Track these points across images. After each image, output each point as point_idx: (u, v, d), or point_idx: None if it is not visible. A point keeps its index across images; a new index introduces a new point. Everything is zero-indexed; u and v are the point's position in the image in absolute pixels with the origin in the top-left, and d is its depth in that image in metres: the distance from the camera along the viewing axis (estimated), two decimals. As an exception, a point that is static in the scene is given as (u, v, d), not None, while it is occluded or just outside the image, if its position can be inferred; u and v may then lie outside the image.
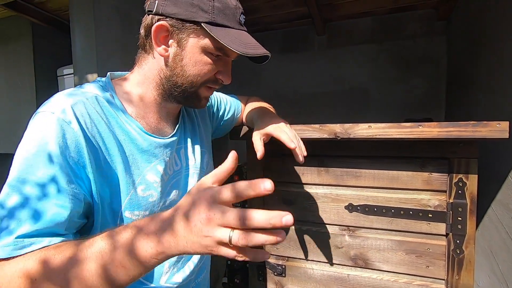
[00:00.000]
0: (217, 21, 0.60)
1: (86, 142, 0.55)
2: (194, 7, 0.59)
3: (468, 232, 0.87)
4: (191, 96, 0.68)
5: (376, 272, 0.98)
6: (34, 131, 0.52)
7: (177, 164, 0.75)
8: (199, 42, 0.62)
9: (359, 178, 0.98)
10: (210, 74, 0.66)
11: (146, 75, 0.67)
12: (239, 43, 0.60)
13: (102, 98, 0.61)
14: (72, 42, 1.24)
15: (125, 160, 0.62)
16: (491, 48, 1.16)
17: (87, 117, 0.56)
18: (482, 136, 0.77)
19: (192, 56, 0.63)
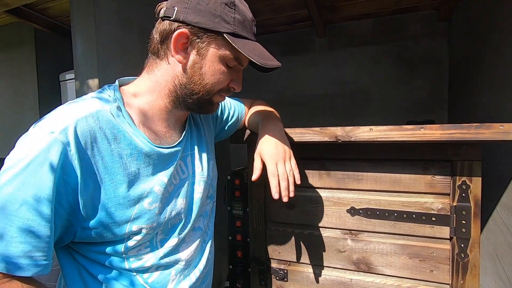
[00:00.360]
0: (238, 32, 0.63)
1: (82, 163, 0.55)
2: (216, 17, 0.61)
3: (472, 236, 0.86)
4: (205, 103, 0.69)
5: (379, 277, 0.97)
6: (29, 147, 0.52)
7: (183, 172, 0.74)
8: (219, 51, 0.64)
9: (360, 181, 0.97)
10: (225, 83, 0.68)
11: (158, 81, 0.67)
12: (258, 55, 0.64)
13: (108, 112, 0.60)
14: (73, 47, 1.24)
15: (130, 175, 0.61)
16: (494, 49, 1.15)
17: (87, 136, 0.56)
18: (485, 138, 0.76)
19: (211, 65, 0.64)
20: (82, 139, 0.55)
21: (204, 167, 0.80)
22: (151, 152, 0.65)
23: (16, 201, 0.50)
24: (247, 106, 1.03)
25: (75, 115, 0.56)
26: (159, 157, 0.66)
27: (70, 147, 0.53)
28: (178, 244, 0.71)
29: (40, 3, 1.89)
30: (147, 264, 0.66)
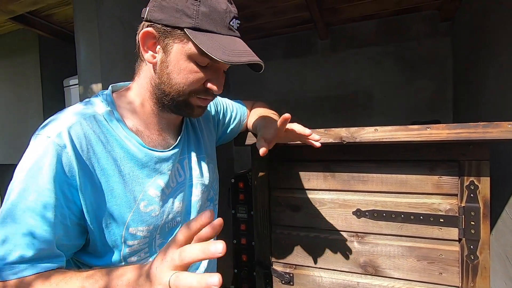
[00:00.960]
0: (201, 26, 0.58)
1: (80, 165, 0.56)
2: (178, 12, 0.58)
3: (482, 237, 0.84)
4: (181, 105, 0.65)
5: (387, 280, 0.95)
6: (30, 155, 0.54)
7: (180, 176, 0.73)
8: (184, 48, 0.59)
9: (366, 182, 0.96)
10: (198, 83, 0.62)
11: (142, 84, 0.66)
12: (222, 50, 0.57)
13: (101, 116, 0.61)
14: (76, 53, 1.25)
15: (125, 178, 0.61)
16: (499, 47, 1.14)
17: (83, 139, 0.57)
18: (493, 137, 0.75)
19: (176, 63, 0.61)
20: (77, 142, 0.56)
21: (202, 170, 0.80)
22: (145, 155, 0.64)
23: (19, 207, 0.51)
24: (249, 108, 1.02)
25: (70, 120, 0.58)
26: (154, 160, 0.66)
27: (67, 150, 0.54)
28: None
29: (44, 9, 1.91)
30: None
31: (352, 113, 2.15)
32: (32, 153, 0.54)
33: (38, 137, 0.55)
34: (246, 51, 0.60)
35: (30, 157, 0.54)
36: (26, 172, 0.53)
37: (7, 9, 1.65)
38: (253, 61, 0.59)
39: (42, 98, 2.30)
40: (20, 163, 0.55)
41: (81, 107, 0.62)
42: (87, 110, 0.61)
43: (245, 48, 0.61)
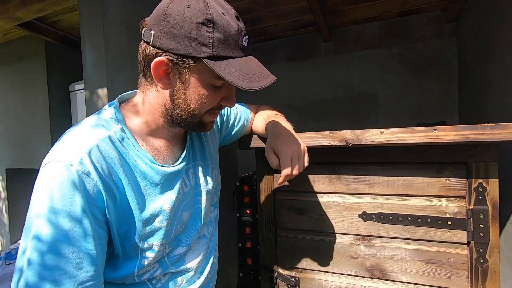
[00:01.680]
0: (219, 53, 0.56)
1: (105, 189, 0.56)
2: (193, 41, 0.55)
3: (491, 240, 0.82)
4: (196, 125, 0.67)
5: (395, 284, 0.94)
6: (52, 185, 0.52)
7: (186, 186, 0.74)
8: (201, 77, 0.59)
9: (372, 185, 0.95)
10: (213, 104, 0.64)
11: (151, 103, 0.66)
12: (243, 77, 0.58)
13: (114, 137, 0.61)
14: (82, 58, 1.27)
15: (140, 196, 0.63)
16: (506, 47, 1.13)
17: (103, 163, 0.57)
18: (502, 138, 0.74)
19: (195, 91, 0.61)
20: (99, 166, 0.56)
21: (207, 177, 0.81)
22: (157, 173, 0.66)
23: (60, 240, 0.51)
24: (253, 111, 1.02)
25: (87, 143, 0.57)
26: (165, 177, 0.67)
27: (92, 176, 0.55)
28: (185, 254, 0.74)
29: (51, 16, 1.94)
30: (156, 274, 0.69)
31: (358, 116, 2.14)
32: (55, 182, 0.52)
33: (58, 164, 0.53)
34: (261, 72, 0.62)
35: (54, 187, 0.52)
36: (58, 204, 0.51)
37: (15, 16, 1.68)
38: (271, 83, 0.61)
39: (48, 103, 2.33)
40: (42, 194, 0.52)
41: (93, 127, 0.61)
42: (100, 131, 0.60)
43: (260, 67, 0.62)
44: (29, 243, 0.51)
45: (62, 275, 0.50)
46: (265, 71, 0.62)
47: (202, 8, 0.55)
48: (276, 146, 0.79)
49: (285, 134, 0.82)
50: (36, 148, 2.41)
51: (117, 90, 1.24)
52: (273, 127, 0.87)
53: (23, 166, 2.49)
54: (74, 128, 0.61)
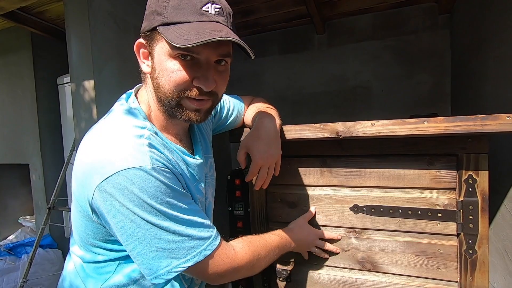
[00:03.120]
0: (170, 20, 0.56)
1: (176, 175, 0.63)
2: (153, 14, 0.58)
3: (480, 232, 0.83)
4: (176, 110, 0.62)
5: (385, 276, 0.94)
6: (143, 188, 0.55)
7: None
8: (162, 47, 0.58)
9: (363, 178, 0.95)
10: (183, 82, 0.58)
11: (151, 96, 0.67)
12: (185, 35, 0.52)
13: (152, 132, 0.63)
14: (68, 50, 1.23)
15: (190, 183, 0.68)
16: (498, 40, 1.12)
17: (163, 156, 0.61)
18: (492, 130, 0.74)
19: (160, 65, 0.59)
20: (163, 159, 0.60)
21: (211, 169, 0.84)
22: (191, 164, 0.70)
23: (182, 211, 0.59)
24: (247, 103, 1.01)
25: (143, 142, 0.59)
26: (196, 168, 0.72)
27: (166, 166, 0.60)
28: None
29: (36, 6, 1.88)
30: None
31: (351, 108, 2.14)
32: (142, 185, 0.54)
33: (132, 171, 0.54)
34: (213, 30, 0.54)
35: (150, 187, 0.55)
36: (162, 195, 0.56)
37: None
38: (215, 39, 0.52)
39: (36, 96, 2.28)
40: (135, 200, 0.54)
41: (133, 125, 0.61)
42: (140, 129, 0.62)
43: (216, 27, 0.55)
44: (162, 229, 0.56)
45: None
46: (220, 32, 0.54)
47: None
48: (251, 148, 0.81)
49: (265, 137, 0.81)
50: (25, 142, 2.36)
51: (104, 82, 1.21)
52: (258, 123, 0.85)
53: (11, 161, 2.44)
54: (111, 130, 0.60)
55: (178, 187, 0.61)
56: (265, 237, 0.78)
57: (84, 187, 0.56)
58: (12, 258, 1.98)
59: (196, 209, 0.64)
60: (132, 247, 0.57)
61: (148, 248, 0.56)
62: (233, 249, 0.67)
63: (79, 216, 0.63)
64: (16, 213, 2.65)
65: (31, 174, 2.33)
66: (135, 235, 0.55)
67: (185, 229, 0.59)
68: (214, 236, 0.63)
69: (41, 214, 2.29)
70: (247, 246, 0.70)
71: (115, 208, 0.54)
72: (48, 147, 2.30)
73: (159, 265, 0.57)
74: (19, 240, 2.26)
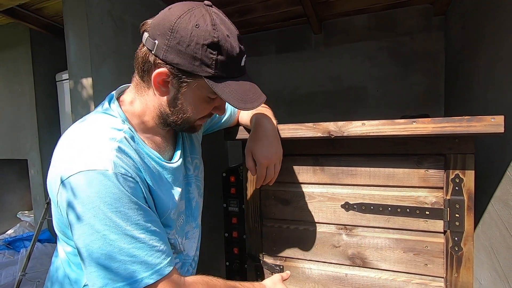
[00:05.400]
0: (219, 74, 0.60)
1: (141, 182, 0.61)
2: (197, 60, 0.58)
3: (466, 229, 0.86)
4: (186, 129, 0.72)
5: (374, 271, 0.97)
6: (99, 192, 0.54)
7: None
8: (199, 91, 0.63)
9: (355, 176, 0.97)
10: (206, 113, 0.69)
11: (147, 105, 0.68)
12: (238, 97, 0.62)
13: (128, 136, 0.64)
14: (66, 47, 1.24)
15: (158, 190, 0.67)
16: (490, 42, 1.15)
17: (130, 162, 0.61)
18: (477, 131, 0.76)
19: (191, 102, 0.65)
20: (130, 164, 0.60)
21: (196, 169, 0.85)
22: (165, 169, 0.70)
23: (127, 232, 0.56)
24: None
25: (110, 146, 0.59)
26: (172, 172, 0.72)
27: (130, 174, 0.58)
28: (184, 243, 0.79)
29: (34, 3, 1.88)
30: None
31: (346, 108, 2.16)
32: (99, 190, 0.54)
33: (92, 173, 0.54)
34: (256, 93, 0.66)
35: (105, 193, 0.54)
36: (117, 204, 0.55)
37: (-4, 2, 1.62)
38: (262, 103, 0.67)
39: (34, 92, 2.28)
40: (94, 201, 0.54)
41: (107, 128, 0.62)
42: (114, 131, 0.62)
43: (254, 88, 0.67)
44: (110, 239, 0.54)
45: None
46: (258, 91, 0.67)
47: (210, 30, 0.58)
48: (255, 151, 0.84)
49: (266, 138, 0.85)
50: (23, 138, 2.37)
51: (102, 80, 1.23)
52: (256, 125, 0.88)
53: (10, 156, 2.45)
54: (85, 129, 0.62)
55: (139, 199, 0.59)
56: (229, 284, 0.72)
57: (54, 182, 0.58)
58: (11, 252, 2.01)
59: (153, 230, 0.60)
60: (79, 248, 0.56)
61: (90, 259, 0.54)
62: (183, 285, 0.62)
63: (54, 209, 0.64)
64: (15, 208, 2.66)
65: (30, 169, 2.34)
66: (82, 239, 0.55)
67: (131, 248, 0.55)
68: (164, 265, 0.58)
69: (39, 209, 2.31)
70: (201, 287, 0.65)
71: (70, 206, 0.54)
72: (47, 142, 2.32)
73: (94, 283, 0.54)
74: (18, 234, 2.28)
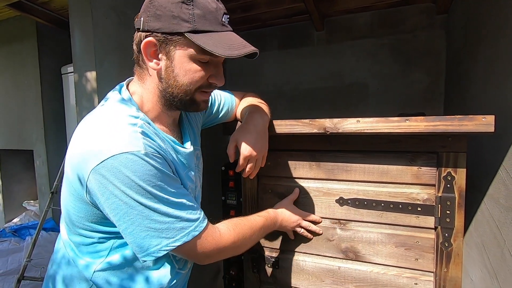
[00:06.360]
0: (199, 28, 0.62)
1: (167, 162, 0.67)
2: (175, 18, 0.61)
3: (456, 226, 0.88)
4: (189, 103, 0.71)
5: (366, 265, 1.00)
6: (137, 171, 0.59)
7: None
8: (186, 51, 0.64)
9: (349, 172, 1.00)
10: (202, 80, 0.68)
11: (149, 90, 0.71)
12: (223, 46, 0.62)
13: (147, 124, 0.68)
14: (71, 41, 1.27)
15: (177, 172, 0.72)
16: (488, 42, 1.15)
17: (155, 143, 0.65)
18: (469, 130, 0.78)
19: (182, 66, 0.65)
20: (155, 146, 0.65)
21: (199, 160, 0.88)
22: (179, 153, 0.74)
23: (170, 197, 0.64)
24: (239, 98, 1.05)
25: (136, 130, 0.63)
26: (186, 157, 0.76)
27: (159, 152, 0.64)
28: None
29: (41, -4, 1.92)
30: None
31: (347, 105, 2.17)
32: (135, 169, 0.58)
33: (125, 155, 0.58)
34: (242, 43, 0.66)
35: (141, 171, 0.59)
36: (154, 177, 0.61)
37: (3, -5, 1.66)
38: (251, 52, 0.65)
39: (40, 85, 2.33)
40: (128, 182, 0.58)
41: (127, 114, 0.66)
42: (134, 117, 0.66)
43: (241, 40, 0.66)
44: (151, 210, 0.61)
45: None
46: (246, 43, 0.66)
47: None
48: (240, 142, 0.86)
49: (254, 132, 0.87)
50: (29, 129, 2.43)
51: (106, 73, 1.26)
52: (248, 117, 0.91)
53: (16, 147, 2.51)
54: (106, 117, 0.65)
55: (168, 172, 0.65)
56: (250, 219, 0.84)
57: (80, 170, 0.61)
58: (17, 240, 2.07)
59: (185, 193, 0.68)
60: (125, 227, 0.61)
61: (140, 228, 0.61)
62: (218, 231, 0.72)
63: (72, 200, 0.66)
64: (20, 197, 2.73)
65: (35, 160, 2.39)
66: (127, 215, 0.60)
67: (174, 211, 0.63)
68: (202, 219, 0.68)
69: (44, 198, 2.37)
70: (232, 228, 0.76)
71: (108, 190, 0.58)
72: (52, 134, 2.37)
73: (149, 244, 0.62)
74: (23, 223, 2.35)
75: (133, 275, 0.72)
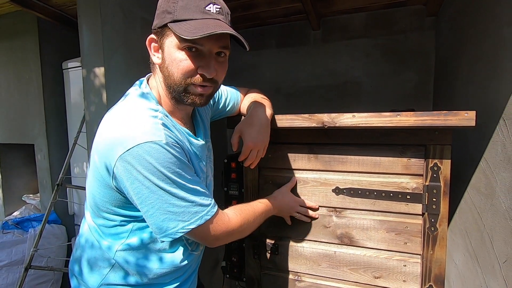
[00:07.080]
0: (179, 17, 0.66)
1: (185, 152, 0.74)
2: (163, 13, 0.68)
3: (441, 212, 0.96)
4: (183, 94, 0.73)
5: (360, 249, 1.08)
6: (160, 159, 0.65)
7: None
8: (172, 41, 0.69)
9: (345, 163, 1.07)
10: (189, 70, 0.69)
11: (160, 84, 0.77)
12: (192, 30, 0.63)
13: (165, 116, 0.74)
14: (80, 38, 1.32)
15: (192, 162, 0.79)
16: (472, 44, 1.24)
17: (173, 135, 0.71)
18: (453, 124, 0.86)
19: (170, 56, 0.70)
20: (174, 137, 0.71)
21: (210, 152, 0.94)
22: (193, 145, 0.81)
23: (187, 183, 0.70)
24: (243, 93, 1.12)
25: (157, 121, 0.69)
26: (199, 149, 0.83)
27: (178, 143, 0.71)
28: None
29: (43, -8, 1.94)
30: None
31: (342, 102, 2.25)
32: (158, 156, 0.64)
33: (149, 144, 0.64)
34: (215, 25, 0.65)
35: (162, 158, 0.65)
36: (174, 164, 0.67)
37: (6, -10, 1.68)
38: (217, 32, 0.63)
39: (42, 80, 2.34)
40: (151, 168, 0.64)
41: (148, 107, 0.72)
42: (153, 111, 0.72)
43: (217, 24, 0.66)
44: (170, 194, 0.67)
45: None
46: (220, 27, 0.65)
47: None
48: (244, 133, 0.93)
49: (258, 125, 0.94)
50: (30, 124, 2.44)
51: (113, 69, 1.31)
52: (252, 111, 0.97)
53: (17, 141, 2.53)
54: (130, 110, 0.71)
55: (185, 160, 0.72)
56: (253, 204, 0.92)
57: (107, 158, 0.66)
58: (20, 232, 2.10)
59: (198, 180, 0.75)
60: (146, 209, 0.68)
61: (160, 211, 0.67)
62: (227, 216, 0.79)
63: (97, 185, 0.72)
64: (20, 191, 2.75)
65: (36, 154, 2.42)
66: (149, 199, 0.66)
67: (190, 196, 0.69)
68: (213, 204, 0.75)
69: (46, 192, 2.40)
70: (238, 214, 0.82)
71: (133, 175, 0.65)
72: (53, 128, 2.39)
73: (168, 226, 0.68)
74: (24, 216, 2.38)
75: (149, 255, 0.78)
